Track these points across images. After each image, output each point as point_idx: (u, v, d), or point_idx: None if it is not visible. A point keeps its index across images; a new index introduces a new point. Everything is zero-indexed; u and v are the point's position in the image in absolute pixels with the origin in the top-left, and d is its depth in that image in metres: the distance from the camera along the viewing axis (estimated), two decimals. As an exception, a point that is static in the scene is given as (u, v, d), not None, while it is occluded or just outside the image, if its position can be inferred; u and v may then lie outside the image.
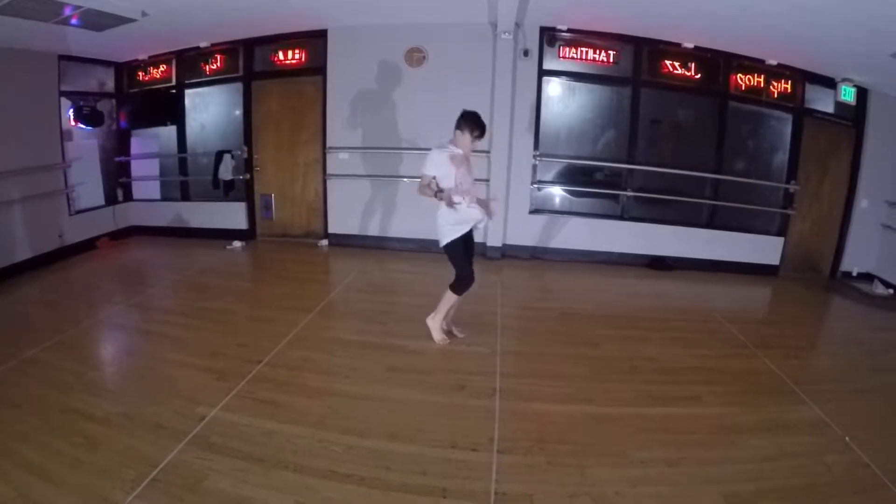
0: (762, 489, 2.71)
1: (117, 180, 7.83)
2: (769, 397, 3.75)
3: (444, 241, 4.10)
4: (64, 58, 6.68)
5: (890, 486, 2.78)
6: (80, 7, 4.92)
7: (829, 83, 6.81)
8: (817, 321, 5.97)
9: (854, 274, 7.23)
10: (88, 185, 7.27)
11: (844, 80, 6.67)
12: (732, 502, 2.60)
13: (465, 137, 3.98)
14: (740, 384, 3.90)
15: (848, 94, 6.76)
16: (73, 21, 5.28)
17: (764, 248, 7.15)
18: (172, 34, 6.72)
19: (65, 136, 6.78)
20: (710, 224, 7.17)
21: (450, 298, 4.18)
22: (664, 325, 5.08)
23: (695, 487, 2.70)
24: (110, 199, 7.67)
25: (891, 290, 6.67)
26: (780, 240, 7.13)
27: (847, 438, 3.21)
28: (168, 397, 3.32)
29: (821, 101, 6.95)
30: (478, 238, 6.02)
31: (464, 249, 4.11)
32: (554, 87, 6.98)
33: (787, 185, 6.99)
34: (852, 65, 6.25)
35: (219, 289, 5.64)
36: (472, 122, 3.95)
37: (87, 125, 7.19)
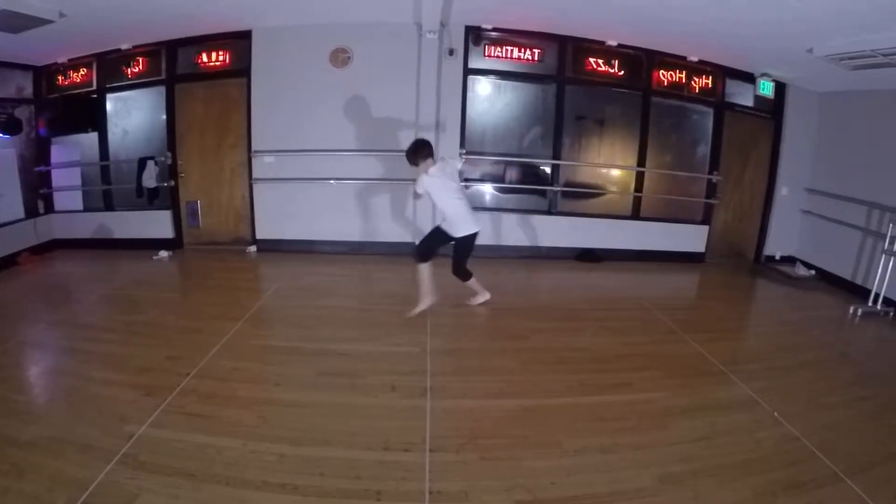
0: (696, 468, 2.81)
1: (37, 191, 7.49)
2: (699, 379, 3.89)
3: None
4: (-22, 62, 6.37)
5: (820, 455, 2.93)
6: (-6, 8, 4.70)
7: (749, 78, 7.11)
8: (743, 304, 6.21)
9: (777, 257, 7.58)
10: (7, 197, 6.92)
11: (763, 74, 6.98)
12: (667, 483, 2.68)
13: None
14: (670, 368, 4.03)
15: (766, 88, 7.07)
16: (-12, 23, 5.04)
17: (690, 237, 7.41)
18: (92, 36, 6.47)
19: (-21, 146, 6.46)
20: (637, 216, 7.37)
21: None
22: (594, 316, 5.19)
23: (629, 472, 2.77)
24: (31, 212, 7.34)
25: (812, 272, 7.01)
26: (705, 228, 7.41)
27: (776, 414, 3.37)
28: (96, 417, 3.20)
29: (741, 95, 7.24)
30: (407, 237, 6.27)
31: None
32: (480, 86, 7.04)
33: (711, 176, 7.26)
34: (770, 60, 6.51)
35: (146, 301, 5.46)
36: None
37: (4, 133, 6.87)
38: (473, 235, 4.73)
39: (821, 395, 3.76)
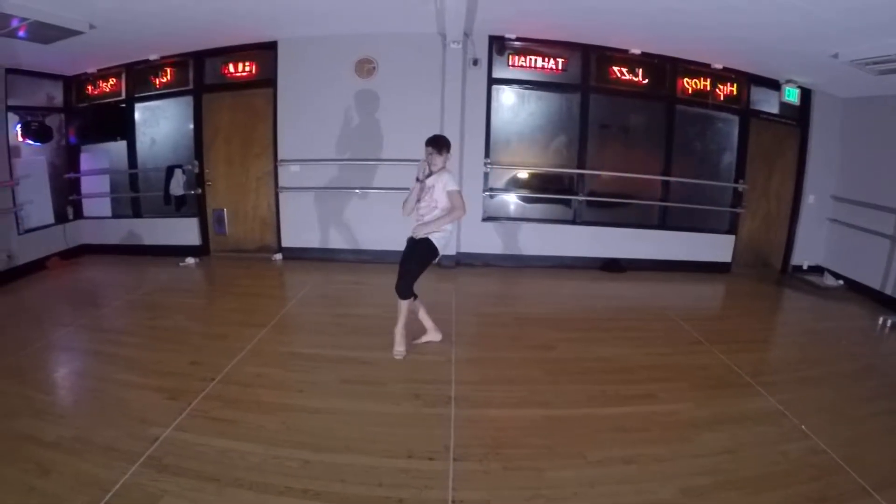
0: (720, 481, 2.76)
1: (67, 198, 7.65)
2: (724, 391, 3.84)
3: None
4: (11, 71, 6.52)
5: (847, 469, 2.87)
6: (27, 19, 4.81)
7: (774, 85, 7.04)
8: (770, 314, 6.12)
9: (805, 267, 7.48)
10: (38, 202, 7.06)
11: (788, 81, 6.90)
12: (690, 496, 2.64)
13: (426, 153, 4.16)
14: (695, 380, 3.98)
15: (792, 95, 7.00)
16: (21, 33, 5.15)
17: (715, 247, 7.33)
18: (121, 47, 6.58)
19: (12, 152, 6.59)
20: (662, 225, 7.32)
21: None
22: (618, 326, 5.16)
23: (652, 484, 2.74)
24: (60, 218, 7.48)
25: (840, 281, 6.90)
26: (731, 238, 7.33)
27: (803, 426, 3.31)
28: (120, 419, 3.23)
29: (766, 103, 7.18)
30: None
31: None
32: (504, 95, 7.05)
33: (736, 185, 7.20)
34: (794, 66, 6.44)
35: (171, 307, 5.52)
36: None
37: (35, 141, 7.02)
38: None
39: (849, 407, 3.70)
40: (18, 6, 4.61)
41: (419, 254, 4.13)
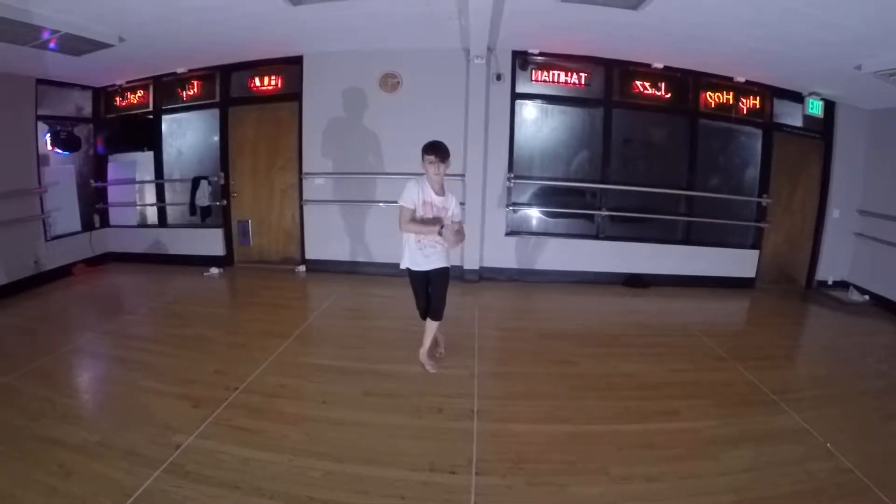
0: (744, 500, 2.73)
1: (94, 206, 7.78)
2: (749, 408, 3.78)
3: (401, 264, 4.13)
4: (41, 82, 6.66)
5: (874, 488, 2.83)
6: (58, 31, 4.91)
7: (797, 97, 6.98)
8: (795, 331, 6.03)
9: (830, 282, 7.37)
10: (65, 210, 7.22)
11: (811, 93, 6.85)
12: (714, 514, 2.61)
13: (424, 165, 3.87)
14: (719, 397, 3.93)
15: (815, 108, 6.95)
16: (51, 45, 5.27)
17: (739, 262, 7.26)
18: (150, 60, 6.70)
19: (41, 160, 6.74)
20: (685, 240, 7.26)
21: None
22: (642, 342, 5.11)
23: (676, 501, 2.72)
24: (87, 225, 7.62)
25: (866, 297, 6.80)
26: (755, 252, 7.25)
27: (828, 444, 3.26)
28: (143, 425, 3.27)
29: (789, 116, 7.12)
30: (455, 261, 5.36)
31: (421, 283, 4.16)
32: (527, 110, 7.05)
33: (760, 199, 7.14)
34: (818, 78, 6.39)
35: (195, 315, 5.58)
36: (423, 148, 3.86)
37: (63, 150, 7.16)
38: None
39: (876, 425, 3.64)
40: (50, 19, 4.71)
41: (445, 279, 4.10)
